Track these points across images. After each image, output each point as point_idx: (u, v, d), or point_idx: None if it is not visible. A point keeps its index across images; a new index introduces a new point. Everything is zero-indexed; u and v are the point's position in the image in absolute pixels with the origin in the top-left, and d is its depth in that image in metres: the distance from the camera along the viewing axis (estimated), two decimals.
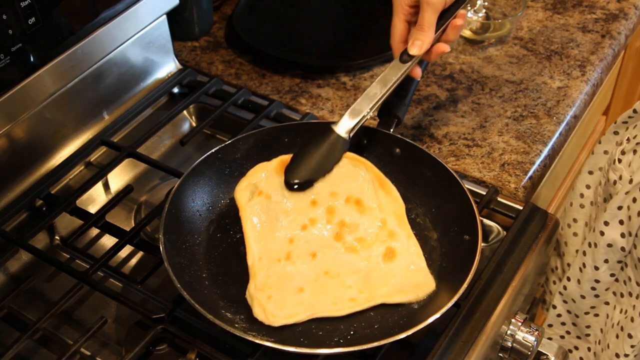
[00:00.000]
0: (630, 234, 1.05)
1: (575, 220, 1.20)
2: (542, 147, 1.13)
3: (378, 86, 0.97)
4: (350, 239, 0.92)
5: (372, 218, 0.93)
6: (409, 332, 0.79)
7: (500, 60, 1.30)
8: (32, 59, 0.98)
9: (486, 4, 1.40)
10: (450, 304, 0.81)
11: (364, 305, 0.86)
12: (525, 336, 0.93)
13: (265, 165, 0.96)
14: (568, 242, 1.22)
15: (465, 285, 0.83)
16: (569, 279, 1.16)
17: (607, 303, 1.15)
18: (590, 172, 1.18)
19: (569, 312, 1.19)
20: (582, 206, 1.19)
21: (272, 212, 0.93)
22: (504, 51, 1.32)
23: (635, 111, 1.11)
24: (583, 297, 1.15)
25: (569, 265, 1.21)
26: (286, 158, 0.97)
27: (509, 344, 0.93)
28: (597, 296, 1.15)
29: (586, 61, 1.29)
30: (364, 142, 1.04)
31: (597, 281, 1.12)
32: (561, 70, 1.28)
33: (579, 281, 1.14)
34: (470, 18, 1.37)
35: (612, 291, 1.14)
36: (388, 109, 1.06)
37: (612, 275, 1.11)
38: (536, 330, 0.93)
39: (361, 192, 0.95)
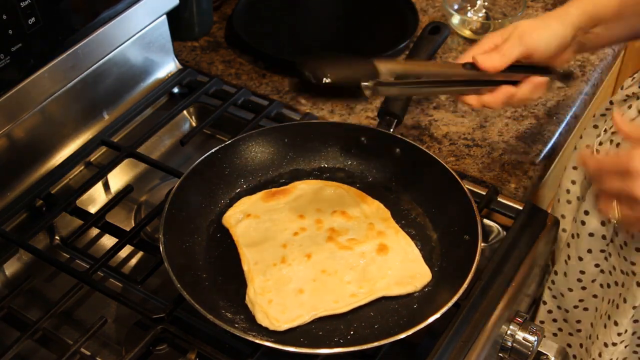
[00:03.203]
0: (609, 221, 1.05)
1: (563, 217, 1.20)
2: (542, 147, 1.13)
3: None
4: (342, 240, 0.92)
5: (359, 223, 0.95)
6: (409, 332, 0.79)
7: None
8: (32, 59, 0.98)
9: (486, 4, 1.40)
10: (450, 304, 0.81)
11: (365, 299, 0.86)
12: (525, 336, 0.93)
13: (249, 198, 0.99)
14: (558, 238, 1.23)
15: (465, 285, 0.83)
16: (556, 273, 1.16)
17: (595, 296, 1.15)
18: (575, 168, 1.18)
19: (559, 307, 1.20)
20: (569, 202, 1.19)
21: (261, 227, 0.95)
22: None
23: (611, 102, 1.11)
24: (570, 290, 1.15)
25: (548, 277, 1.21)
26: (269, 191, 1.00)
27: (509, 344, 0.93)
28: (584, 288, 1.15)
29: (586, 61, 1.29)
30: (364, 142, 1.04)
31: (582, 272, 1.12)
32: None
33: (565, 274, 1.14)
34: (470, 18, 1.37)
35: (599, 283, 1.14)
36: (388, 109, 1.06)
37: (596, 265, 1.11)
38: (536, 330, 0.93)
39: (345, 207, 0.97)
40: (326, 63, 0.87)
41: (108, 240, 1.03)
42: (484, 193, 1.03)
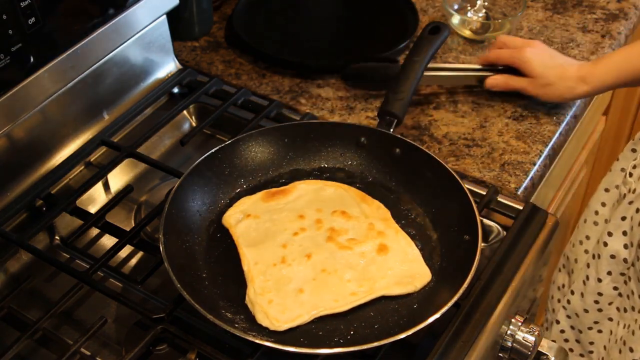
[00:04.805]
0: (632, 245, 1.05)
1: (587, 238, 1.19)
2: (542, 147, 1.13)
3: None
4: (342, 240, 0.92)
5: (359, 223, 0.95)
6: (409, 332, 0.79)
7: None
8: (32, 59, 0.98)
9: (486, 4, 1.40)
10: (450, 304, 0.81)
11: (365, 298, 0.86)
12: (525, 336, 0.93)
13: (249, 198, 0.99)
14: (578, 259, 1.21)
15: (465, 285, 0.83)
16: (572, 293, 1.15)
17: (610, 319, 1.14)
18: (607, 190, 1.17)
19: (572, 327, 1.18)
20: (595, 223, 1.18)
21: (261, 227, 0.95)
22: None
23: None
24: (586, 311, 1.14)
25: (565, 295, 1.20)
26: (269, 191, 1.00)
27: (509, 344, 0.93)
28: (600, 310, 1.13)
29: (586, 61, 1.29)
30: (364, 142, 1.04)
31: (600, 294, 1.11)
32: None
33: (582, 294, 1.13)
34: (470, 18, 1.37)
35: (615, 306, 1.12)
36: (388, 109, 1.06)
37: (615, 288, 1.10)
38: (536, 330, 0.93)
39: (345, 207, 0.97)
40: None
41: (108, 240, 1.03)
42: (484, 193, 1.03)
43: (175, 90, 1.22)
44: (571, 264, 1.23)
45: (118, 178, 1.11)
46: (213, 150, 1.00)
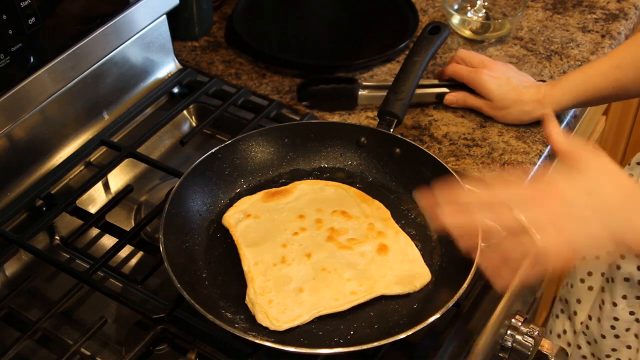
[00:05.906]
0: None
1: (590, 274, 1.17)
2: (542, 147, 1.13)
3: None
4: (342, 240, 0.92)
5: (359, 223, 0.95)
6: (409, 332, 0.79)
7: (500, 60, 1.30)
8: (32, 59, 0.98)
9: (486, 4, 1.40)
10: (450, 304, 0.81)
11: (365, 297, 0.86)
12: (525, 336, 0.93)
13: (249, 198, 0.99)
14: (582, 298, 1.18)
15: (465, 285, 0.83)
16: (590, 318, 1.13)
17: (629, 347, 1.12)
18: None
19: (593, 355, 1.16)
20: (597, 257, 1.16)
21: (262, 227, 0.95)
22: (504, 51, 1.32)
23: None
24: (603, 336, 1.12)
25: (582, 323, 1.18)
26: (269, 191, 1.00)
27: (509, 344, 0.93)
28: (617, 337, 1.11)
29: (586, 61, 1.29)
30: (364, 142, 1.04)
31: (616, 319, 1.09)
32: (561, 70, 1.27)
33: (599, 319, 1.11)
34: (470, 18, 1.37)
35: (633, 333, 1.10)
36: (388, 109, 1.06)
37: (631, 313, 1.08)
38: (536, 330, 0.93)
39: (345, 206, 0.97)
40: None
41: (108, 240, 1.03)
42: None
43: (175, 90, 1.22)
44: (572, 306, 1.20)
45: (118, 178, 1.11)
46: (213, 150, 1.00)
